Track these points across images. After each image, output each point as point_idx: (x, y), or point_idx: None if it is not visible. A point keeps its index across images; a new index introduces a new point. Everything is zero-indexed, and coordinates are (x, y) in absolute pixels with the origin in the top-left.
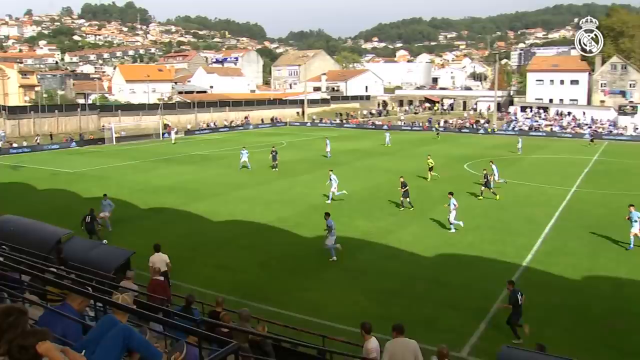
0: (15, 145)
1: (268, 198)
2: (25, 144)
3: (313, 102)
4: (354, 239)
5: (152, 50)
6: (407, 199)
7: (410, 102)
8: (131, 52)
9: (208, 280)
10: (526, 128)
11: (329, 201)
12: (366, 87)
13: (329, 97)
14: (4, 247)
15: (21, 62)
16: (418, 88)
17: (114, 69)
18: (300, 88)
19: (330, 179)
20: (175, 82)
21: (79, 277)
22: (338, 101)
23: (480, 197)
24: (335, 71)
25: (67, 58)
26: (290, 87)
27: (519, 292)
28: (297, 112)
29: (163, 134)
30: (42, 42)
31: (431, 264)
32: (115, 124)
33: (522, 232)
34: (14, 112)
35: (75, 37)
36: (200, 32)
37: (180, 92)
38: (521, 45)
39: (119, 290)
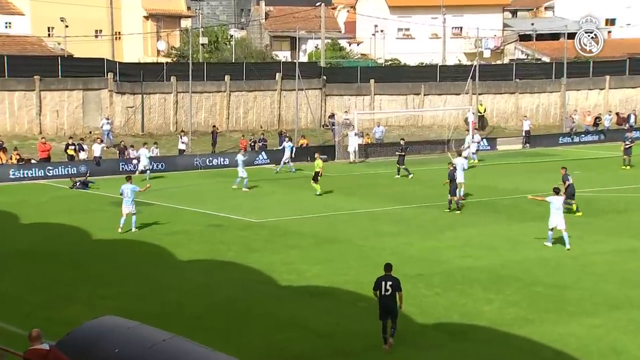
0: (133, 154)
1: None
2: (155, 151)
3: None
4: None
5: None
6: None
7: None
8: None
9: None
10: None
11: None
12: None
13: None
14: None
15: None
16: None
17: None
18: None
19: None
20: (515, 13)
21: None
22: None
23: None
24: None
25: None
26: None
27: (383, 280)
28: None
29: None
30: None
31: None
32: (347, 115)
33: None
34: (128, 74)
35: None
36: None
37: (523, 38)
38: None
39: None
